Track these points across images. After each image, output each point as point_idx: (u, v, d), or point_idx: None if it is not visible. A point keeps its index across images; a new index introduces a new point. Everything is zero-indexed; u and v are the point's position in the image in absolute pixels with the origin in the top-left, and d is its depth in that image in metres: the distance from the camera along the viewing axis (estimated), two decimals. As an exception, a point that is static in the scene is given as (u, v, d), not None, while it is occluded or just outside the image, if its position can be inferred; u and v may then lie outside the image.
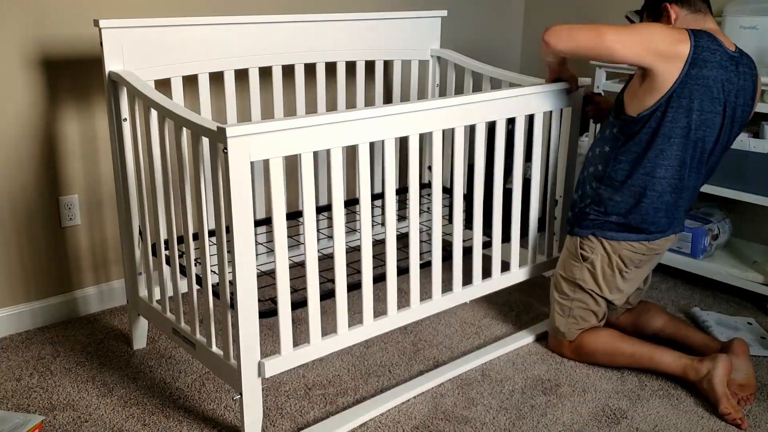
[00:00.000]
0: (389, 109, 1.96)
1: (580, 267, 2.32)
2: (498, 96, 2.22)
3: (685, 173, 2.20)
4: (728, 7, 2.81)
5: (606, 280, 2.30)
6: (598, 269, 2.30)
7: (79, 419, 2.07)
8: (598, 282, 2.30)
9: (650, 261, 2.35)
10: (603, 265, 2.29)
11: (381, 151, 2.94)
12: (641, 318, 2.47)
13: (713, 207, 3.05)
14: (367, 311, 2.09)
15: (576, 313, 2.35)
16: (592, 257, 2.30)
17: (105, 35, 2.12)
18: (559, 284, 2.39)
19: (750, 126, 2.80)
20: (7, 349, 2.42)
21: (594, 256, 2.29)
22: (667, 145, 2.15)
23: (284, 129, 1.76)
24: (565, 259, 2.38)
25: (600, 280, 2.30)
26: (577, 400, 2.19)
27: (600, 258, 2.29)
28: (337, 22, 2.70)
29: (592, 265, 2.30)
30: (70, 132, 2.51)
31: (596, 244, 2.29)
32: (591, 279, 2.31)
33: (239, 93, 2.74)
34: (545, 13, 3.73)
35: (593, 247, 2.29)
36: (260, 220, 2.69)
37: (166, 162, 2.06)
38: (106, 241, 2.68)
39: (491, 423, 2.08)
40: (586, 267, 2.31)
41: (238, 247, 1.75)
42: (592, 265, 2.30)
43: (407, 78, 3.15)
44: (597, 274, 2.30)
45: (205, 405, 2.14)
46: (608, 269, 2.29)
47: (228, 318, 1.91)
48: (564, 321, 2.37)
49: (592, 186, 2.31)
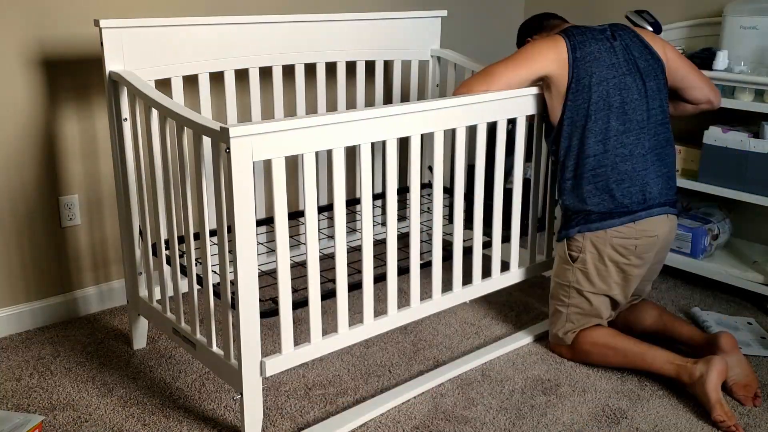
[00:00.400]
0: (391, 109, 1.96)
1: (572, 269, 2.33)
2: (500, 96, 2.22)
3: (618, 140, 2.26)
4: (728, 7, 2.82)
5: (600, 276, 2.30)
6: (589, 267, 2.30)
7: (79, 419, 2.07)
8: (592, 280, 2.31)
9: (649, 248, 2.31)
10: (594, 261, 2.30)
11: (381, 151, 2.94)
12: (632, 315, 2.47)
13: (713, 207, 3.05)
14: (367, 311, 2.09)
15: (573, 318, 2.35)
16: (581, 256, 2.31)
17: (105, 35, 2.12)
18: (554, 291, 2.40)
19: (750, 126, 2.80)
20: (7, 349, 2.42)
21: (583, 255, 2.30)
22: (583, 123, 2.25)
23: (287, 129, 1.76)
24: (557, 266, 2.40)
25: (594, 278, 2.30)
26: (577, 400, 2.19)
27: (589, 255, 2.30)
28: (337, 22, 2.70)
29: (582, 264, 2.31)
30: (70, 132, 2.51)
31: (583, 242, 2.30)
32: (584, 278, 2.31)
33: (239, 93, 2.74)
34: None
35: (580, 246, 2.30)
36: (260, 220, 2.69)
37: (166, 162, 2.06)
38: (106, 241, 2.68)
39: (491, 423, 2.08)
40: (577, 268, 2.32)
41: (239, 247, 1.74)
42: (583, 264, 2.31)
43: (407, 78, 3.15)
44: (589, 272, 2.30)
45: (205, 405, 2.14)
46: (600, 265, 2.30)
47: (229, 318, 1.91)
48: (562, 327, 2.37)
49: (561, 195, 2.37)
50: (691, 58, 2.91)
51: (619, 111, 2.25)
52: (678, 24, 3.18)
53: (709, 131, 2.79)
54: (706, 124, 2.83)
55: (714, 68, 2.74)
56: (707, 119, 2.99)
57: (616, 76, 2.25)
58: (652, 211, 2.29)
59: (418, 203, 2.14)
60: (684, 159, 2.93)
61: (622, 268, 2.31)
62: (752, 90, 2.67)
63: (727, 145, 2.74)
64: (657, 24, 2.94)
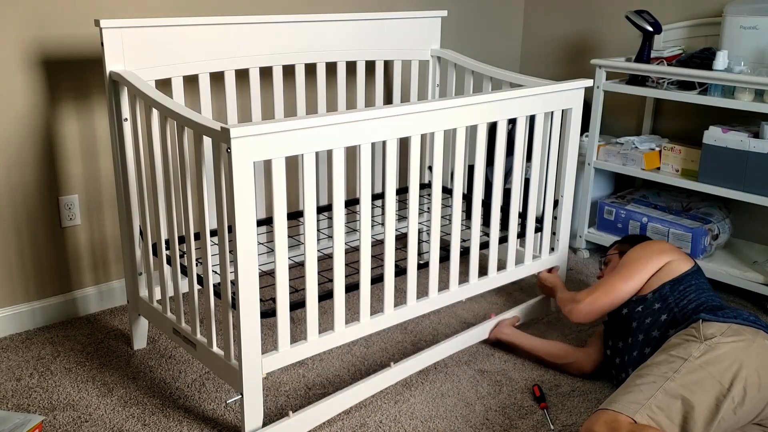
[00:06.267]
0: (392, 109, 1.96)
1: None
2: (500, 97, 2.22)
3: None
4: (728, 7, 2.82)
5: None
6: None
7: (79, 419, 2.06)
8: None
9: None
10: None
11: (381, 151, 2.94)
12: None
13: (713, 207, 3.06)
14: (364, 309, 2.10)
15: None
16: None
17: (106, 35, 2.12)
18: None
19: (750, 126, 2.80)
20: (7, 349, 2.42)
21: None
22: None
23: (287, 130, 1.76)
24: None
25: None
26: (577, 400, 2.19)
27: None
28: (337, 22, 2.70)
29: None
30: (70, 132, 2.51)
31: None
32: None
33: (240, 93, 2.74)
34: (545, 13, 3.74)
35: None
36: (260, 220, 2.69)
37: (167, 162, 2.06)
38: (106, 241, 2.68)
39: (491, 423, 2.08)
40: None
41: (240, 247, 1.75)
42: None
43: (407, 78, 3.15)
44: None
45: (205, 405, 2.14)
46: None
47: (229, 318, 1.91)
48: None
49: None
50: (691, 58, 2.91)
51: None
52: (678, 24, 3.18)
53: (709, 131, 2.79)
54: (706, 124, 2.83)
55: (714, 68, 2.74)
56: (707, 119, 3.00)
57: None
58: None
59: (417, 203, 2.14)
60: (684, 159, 2.93)
61: None
62: (752, 90, 2.68)
63: (727, 145, 2.74)
64: (657, 24, 2.95)
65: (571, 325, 2.65)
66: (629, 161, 3.05)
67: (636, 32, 3.04)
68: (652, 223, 2.98)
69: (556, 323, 2.67)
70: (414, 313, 2.25)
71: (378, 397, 2.19)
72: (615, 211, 3.13)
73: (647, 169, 3.01)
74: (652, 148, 3.05)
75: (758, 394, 1.78)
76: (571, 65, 3.68)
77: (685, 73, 2.82)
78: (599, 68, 3.07)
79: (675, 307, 2.07)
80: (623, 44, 3.42)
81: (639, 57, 3.00)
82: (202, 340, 2.05)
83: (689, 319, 1.99)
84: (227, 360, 1.93)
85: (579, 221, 3.24)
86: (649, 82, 2.97)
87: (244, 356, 1.84)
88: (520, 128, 2.36)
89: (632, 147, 3.08)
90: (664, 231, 2.94)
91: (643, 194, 3.27)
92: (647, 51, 2.98)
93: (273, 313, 1.92)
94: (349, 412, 2.12)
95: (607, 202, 3.17)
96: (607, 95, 3.12)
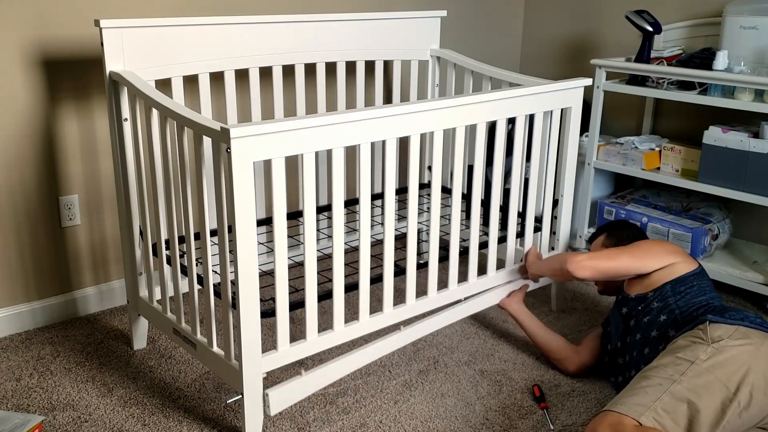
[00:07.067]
0: (391, 109, 1.96)
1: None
2: (499, 96, 2.22)
3: None
4: (728, 7, 2.82)
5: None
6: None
7: (79, 419, 2.07)
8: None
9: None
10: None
11: (381, 151, 2.94)
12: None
13: (713, 207, 3.06)
14: (363, 308, 2.10)
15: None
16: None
17: (105, 35, 2.12)
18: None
19: (750, 126, 2.80)
20: (7, 349, 2.42)
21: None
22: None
23: (287, 130, 1.76)
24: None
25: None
26: (577, 400, 2.19)
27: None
28: (337, 22, 2.70)
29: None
30: (70, 132, 2.51)
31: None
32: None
33: (239, 93, 2.74)
34: (545, 13, 3.74)
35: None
36: (260, 220, 2.69)
37: (167, 162, 2.06)
38: (106, 241, 2.68)
39: (491, 423, 2.08)
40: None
41: (240, 247, 1.75)
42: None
43: (407, 78, 3.15)
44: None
45: (205, 405, 2.14)
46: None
47: (229, 318, 1.91)
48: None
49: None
50: (691, 58, 2.91)
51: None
52: (678, 24, 3.18)
53: (709, 131, 2.79)
54: (706, 124, 2.83)
55: (714, 68, 2.74)
56: (707, 119, 2.99)
57: None
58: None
59: (416, 203, 2.14)
60: (684, 159, 2.93)
61: None
62: (752, 90, 2.67)
63: (726, 145, 2.74)
64: (657, 24, 2.95)
65: (573, 325, 2.65)
66: (629, 161, 3.05)
67: (636, 32, 3.04)
68: (652, 223, 2.98)
69: (556, 323, 2.67)
70: (413, 312, 2.25)
71: (378, 397, 2.19)
72: (615, 211, 3.13)
73: (647, 169, 3.01)
74: (652, 148, 3.05)
75: (764, 399, 1.78)
76: (571, 65, 3.68)
77: (685, 73, 2.82)
78: (599, 68, 3.07)
79: (676, 308, 2.07)
80: (623, 44, 3.41)
81: (639, 57, 3.00)
82: (202, 340, 2.05)
83: (691, 320, 1.99)
84: (227, 360, 1.94)
85: (579, 221, 3.24)
86: (649, 82, 2.97)
87: (244, 356, 1.84)
88: (519, 128, 2.36)
89: (632, 147, 3.08)
90: (664, 231, 2.94)
91: (643, 194, 3.27)
92: (647, 51, 2.98)
93: (273, 313, 1.92)
94: (349, 412, 2.13)
95: (607, 202, 3.17)
96: (607, 95, 3.12)
